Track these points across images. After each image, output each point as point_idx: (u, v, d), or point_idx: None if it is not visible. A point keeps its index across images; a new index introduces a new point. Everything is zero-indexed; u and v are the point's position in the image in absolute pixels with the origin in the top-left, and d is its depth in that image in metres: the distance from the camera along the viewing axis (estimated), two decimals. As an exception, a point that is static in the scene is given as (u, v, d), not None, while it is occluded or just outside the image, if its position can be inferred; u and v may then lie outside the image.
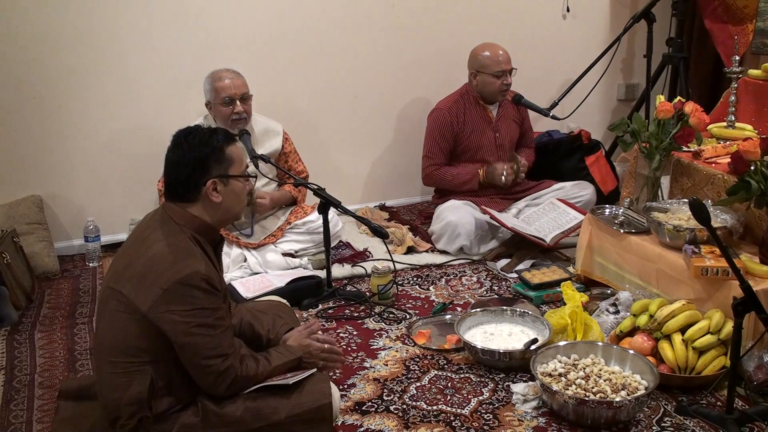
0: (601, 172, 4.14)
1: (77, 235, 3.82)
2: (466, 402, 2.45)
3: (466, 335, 2.74)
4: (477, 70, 3.79)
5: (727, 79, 3.46)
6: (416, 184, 4.35)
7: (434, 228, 3.74)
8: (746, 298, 2.16)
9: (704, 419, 2.30)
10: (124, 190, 3.87)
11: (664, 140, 3.08)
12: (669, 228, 2.82)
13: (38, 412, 2.46)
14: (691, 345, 2.48)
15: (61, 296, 3.36)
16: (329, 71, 4.14)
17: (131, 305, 1.99)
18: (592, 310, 2.91)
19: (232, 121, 3.35)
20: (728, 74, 3.37)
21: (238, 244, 3.47)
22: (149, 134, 3.81)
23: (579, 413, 2.29)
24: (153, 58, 3.77)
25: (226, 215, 2.15)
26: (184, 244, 2.04)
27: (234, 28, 3.88)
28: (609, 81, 4.65)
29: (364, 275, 3.46)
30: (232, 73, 3.39)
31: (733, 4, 4.07)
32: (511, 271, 3.46)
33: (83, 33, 3.62)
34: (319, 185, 3.20)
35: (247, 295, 3.07)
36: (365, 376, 2.62)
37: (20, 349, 2.87)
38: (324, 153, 4.21)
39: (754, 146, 2.75)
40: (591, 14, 4.66)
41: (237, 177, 2.12)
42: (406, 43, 4.26)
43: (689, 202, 2.21)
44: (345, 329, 2.98)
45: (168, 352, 2.01)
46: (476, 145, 3.84)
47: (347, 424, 2.34)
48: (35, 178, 3.72)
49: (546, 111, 3.96)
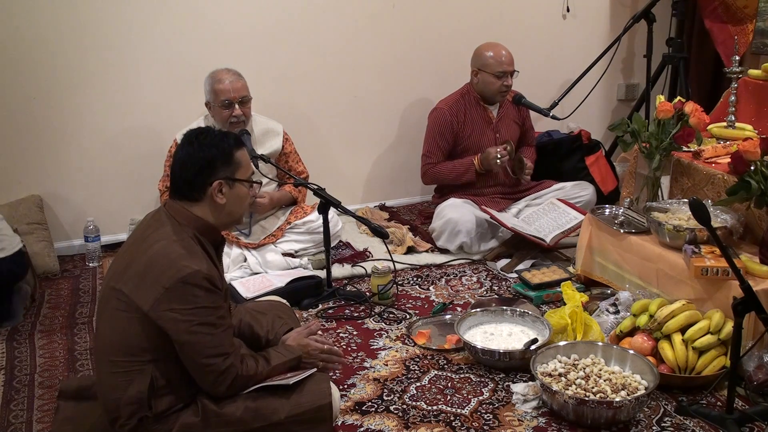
0: (601, 172, 4.14)
1: (77, 235, 3.82)
2: (466, 402, 2.45)
3: (466, 335, 2.74)
4: (479, 68, 3.79)
5: (727, 79, 3.46)
6: (416, 184, 4.35)
7: (435, 225, 3.74)
8: (746, 298, 2.16)
9: (704, 419, 2.30)
10: (124, 190, 3.87)
11: (664, 140, 3.08)
12: (669, 228, 2.82)
13: (38, 412, 2.46)
14: (691, 345, 2.48)
15: (61, 296, 3.36)
16: (329, 71, 4.14)
17: (132, 304, 1.99)
18: (592, 310, 2.91)
19: (230, 123, 3.35)
20: (728, 74, 3.37)
21: (238, 244, 3.47)
22: (149, 134, 3.82)
23: (579, 413, 2.29)
24: (153, 57, 3.77)
25: (228, 218, 2.16)
26: (185, 243, 2.04)
27: (234, 28, 3.88)
28: (609, 81, 4.65)
29: (364, 275, 3.46)
30: (233, 75, 3.39)
31: (733, 4, 4.07)
32: (511, 271, 3.46)
33: (84, 33, 3.62)
34: (319, 185, 3.20)
35: (247, 295, 3.07)
36: (365, 376, 2.62)
37: (20, 349, 2.87)
38: (324, 153, 4.21)
39: (754, 146, 2.75)
40: (591, 14, 4.66)
41: (243, 181, 2.15)
42: (406, 43, 4.26)
43: (689, 202, 2.21)
44: (345, 329, 2.98)
45: (168, 352, 2.01)
46: (476, 145, 3.84)
47: (347, 424, 2.34)
48: (35, 178, 3.72)
49: (546, 111, 3.96)
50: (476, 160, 3.78)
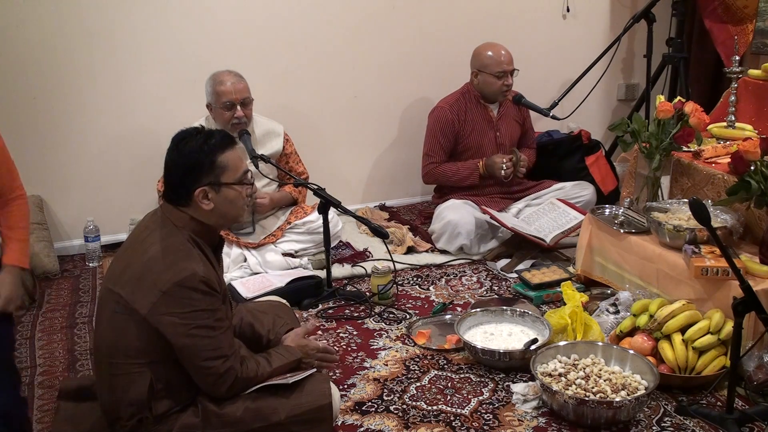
0: (601, 172, 4.14)
1: (77, 235, 3.82)
2: (466, 402, 2.45)
3: (466, 335, 2.74)
4: (478, 69, 3.79)
5: (727, 79, 3.46)
6: (416, 184, 4.35)
7: (434, 227, 3.74)
8: (746, 298, 2.16)
9: (704, 419, 2.30)
10: (124, 190, 3.87)
11: (664, 140, 3.08)
12: (669, 228, 2.82)
13: (38, 412, 2.46)
14: (691, 345, 2.48)
15: (61, 296, 3.36)
16: (329, 71, 4.14)
17: (130, 307, 1.98)
18: (592, 310, 2.91)
19: (231, 125, 3.35)
20: (728, 74, 3.37)
21: (238, 244, 3.47)
22: (149, 135, 3.82)
23: (579, 413, 2.29)
24: (154, 58, 3.77)
25: (222, 220, 2.11)
26: (181, 246, 2.02)
27: (235, 29, 3.88)
28: (609, 81, 4.65)
29: (364, 275, 3.46)
30: (234, 77, 3.38)
31: (733, 4, 4.07)
32: (511, 271, 3.46)
33: (84, 34, 3.62)
34: (319, 185, 3.20)
35: (247, 295, 3.07)
36: (365, 376, 2.62)
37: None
38: (324, 153, 4.21)
39: (754, 146, 2.75)
40: (591, 14, 4.66)
41: (230, 185, 2.07)
42: (407, 43, 4.26)
43: (689, 202, 2.21)
44: (345, 329, 2.98)
45: (167, 354, 2.01)
46: (477, 145, 3.84)
47: (347, 424, 2.34)
48: (35, 178, 3.71)
49: (546, 111, 3.96)
50: (481, 164, 3.78)
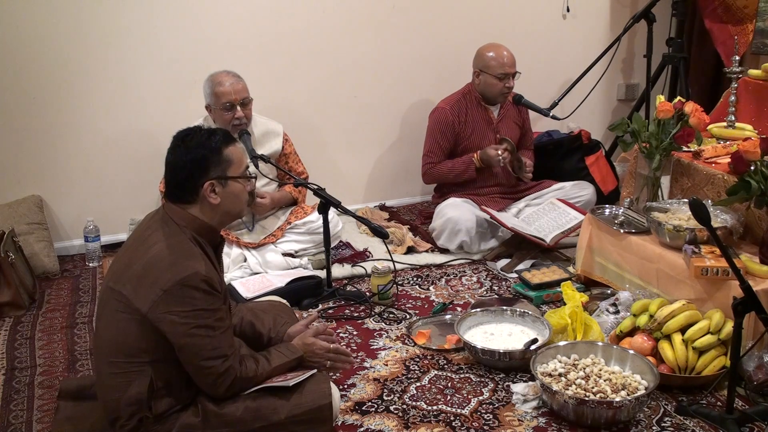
0: (601, 172, 4.14)
1: (77, 235, 3.82)
2: (466, 402, 2.45)
3: (466, 335, 2.74)
4: (480, 69, 3.79)
5: (727, 79, 3.46)
6: (416, 184, 4.35)
7: (435, 224, 3.74)
8: (746, 298, 2.16)
9: (704, 419, 2.30)
10: (124, 190, 3.87)
11: (664, 140, 3.08)
12: (669, 228, 2.82)
13: (38, 412, 2.46)
14: (691, 345, 2.48)
15: (61, 296, 3.36)
16: (329, 71, 4.14)
17: (131, 306, 1.99)
18: (592, 310, 2.91)
19: (232, 126, 3.35)
20: (728, 74, 3.37)
21: (238, 244, 3.47)
22: (149, 134, 3.82)
23: (579, 413, 2.29)
24: (153, 58, 3.77)
25: (225, 216, 2.14)
26: (184, 245, 2.03)
27: (234, 29, 3.88)
28: (609, 81, 4.65)
29: (364, 275, 3.46)
30: (233, 77, 3.38)
31: (733, 4, 4.07)
32: (511, 271, 3.46)
33: (84, 33, 3.62)
34: (319, 185, 3.20)
35: (247, 295, 3.07)
36: (365, 376, 2.62)
37: (20, 349, 2.87)
38: (324, 153, 4.21)
39: (754, 146, 2.75)
40: (591, 14, 4.66)
41: (236, 178, 2.11)
42: (406, 43, 4.26)
43: (689, 202, 2.21)
44: (345, 329, 2.97)
45: (168, 353, 2.01)
46: (477, 146, 3.83)
47: (347, 424, 2.34)
48: (35, 178, 3.72)
49: (546, 111, 3.96)
50: (476, 156, 3.78)
